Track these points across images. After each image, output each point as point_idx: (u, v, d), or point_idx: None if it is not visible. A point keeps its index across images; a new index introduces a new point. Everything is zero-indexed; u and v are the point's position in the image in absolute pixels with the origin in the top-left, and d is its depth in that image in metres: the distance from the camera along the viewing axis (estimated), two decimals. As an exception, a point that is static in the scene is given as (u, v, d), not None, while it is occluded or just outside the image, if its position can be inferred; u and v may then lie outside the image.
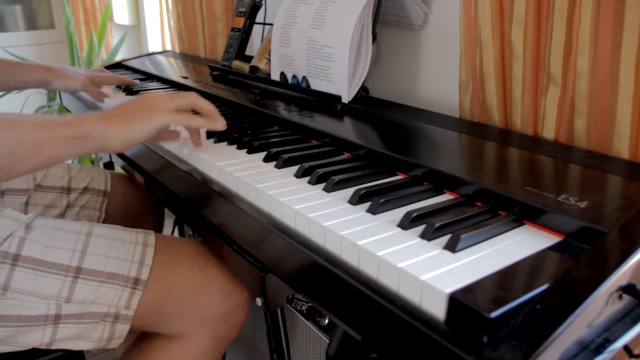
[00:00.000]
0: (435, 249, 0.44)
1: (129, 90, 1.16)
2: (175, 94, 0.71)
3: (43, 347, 0.65)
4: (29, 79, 1.00)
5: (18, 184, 0.91)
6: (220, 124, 0.71)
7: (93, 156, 2.34)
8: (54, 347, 0.66)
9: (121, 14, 2.25)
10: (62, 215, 0.95)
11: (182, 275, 0.73)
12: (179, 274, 0.73)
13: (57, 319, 0.64)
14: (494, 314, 0.34)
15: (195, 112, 0.71)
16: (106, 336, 0.67)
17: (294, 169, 0.65)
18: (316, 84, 0.92)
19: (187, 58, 1.56)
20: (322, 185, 0.59)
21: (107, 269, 0.67)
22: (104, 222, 0.99)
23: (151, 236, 0.73)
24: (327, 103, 0.89)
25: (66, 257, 0.66)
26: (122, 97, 1.13)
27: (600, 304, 0.37)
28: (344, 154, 0.71)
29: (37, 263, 0.64)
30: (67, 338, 0.66)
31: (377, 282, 0.43)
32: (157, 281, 0.70)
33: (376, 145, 0.68)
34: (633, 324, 0.41)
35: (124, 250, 0.69)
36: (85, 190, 0.98)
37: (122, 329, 0.68)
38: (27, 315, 0.63)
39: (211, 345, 0.75)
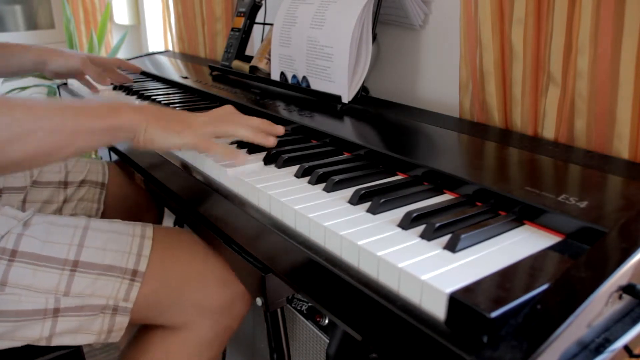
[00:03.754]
0: (435, 249, 0.44)
1: (128, 90, 1.16)
2: (219, 119, 0.68)
3: (42, 341, 0.65)
4: (24, 60, 0.98)
5: (15, 182, 0.91)
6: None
7: (93, 155, 2.34)
8: (54, 341, 0.66)
9: (121, 14, 2.25)
10: (60, 210, 0.94)
11: (181, 265, 0.73)
12: (177, 264, 0.73)
13: (55, 312, 0.64)
14: (494, 314, 0.34)
15: None
16: (106, 329, 0.67)
17: (294, 169, 0.65)
18: (316, 84, 0.92)
19: (187, 58, 1.56)
20: (322, 185, 0.59)
21: (105, 261, 0.67)
22: (103, 214, 0.99)
23: (149, 228, 0.73)
24: (327, 103, 0.89)
25: (63, 251, 0.66)
26: (122, 97, 1.13)
27: (600, 304, 0.37)
28: (344, 154, 0.71)
29: (35, 258, 0.64)
30: (66, 331, 0.66)
31: (377, 282, 0.43)
32: (156, 272, 0.70)
33: (376, 145, 0.68)
34: (633, 324, 0.41)
35: (121, 242, 0.69)
36: (83, 183, 0.97)
37: (122, 321, 0.68)
38: (25, 309, 0.63)
39: (212, 335, 0.75)
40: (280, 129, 0.73)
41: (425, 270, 0.40)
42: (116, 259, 0.68)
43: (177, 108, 0.96)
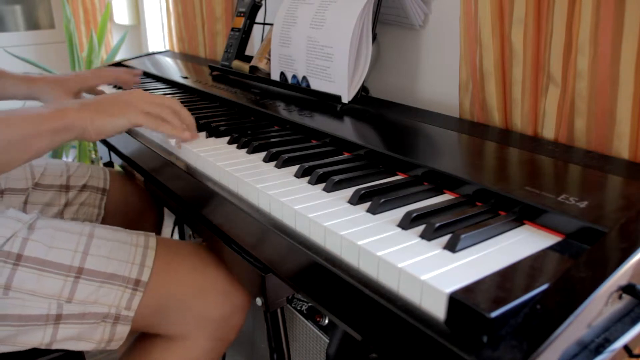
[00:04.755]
0: (435, 249, 0.44)
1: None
2: (156, 97, 0.76)
3: (43, 347, 0.65)
4: (16, 91, 0.96)
5: (17, 184, 0.91)
6: (186, 135, 0.75)
7: (93, 156, 2.34)
8: (54, 347, 0.66)
9: (121, 14, 2.25)
10: (61, 213, 0.94)
11: (183, 277, 0.73)
12: (179, 276, 0.73)
13: (58, 318, 0.64)
14: (494, 314, 0.34)
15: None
16: (106, 337, 0.68)
17: (294, 169, 0.65)
18: (316, 84, 0.92)
19: (187, 58, 1.56)
20: (322, 185, 0.59)
21: (109, 269, 0.67)
22: (104, 219, 0.99)
23: (152, 238, 0.74)
24: (327, 103, 0.89)
25: (68, 258, 0.66)
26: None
27: (600, 304, 0.37)
28: (344, 154, 0.71)
29: (40, 263, 0.64)
30: (67, 338, 0.66)
31: (377, 282, 0.43)
32: (158, 283, 0.70)
33: (376, 145, 0.68)
34: (633, 324, 0.41)
35: (125, 251, 0.70)
36: (84, 187, 0.98)
37: (123, 330, 0.68)
38: (28, 314, 0.63)
39: (210, 346, 0.76)
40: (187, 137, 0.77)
41: (425, 270, 0.40)
42: (120, 268, 0.68)
43: (177, 108, 0.96)
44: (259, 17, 1.20)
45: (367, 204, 0.53)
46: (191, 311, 0.73)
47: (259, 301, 0.67)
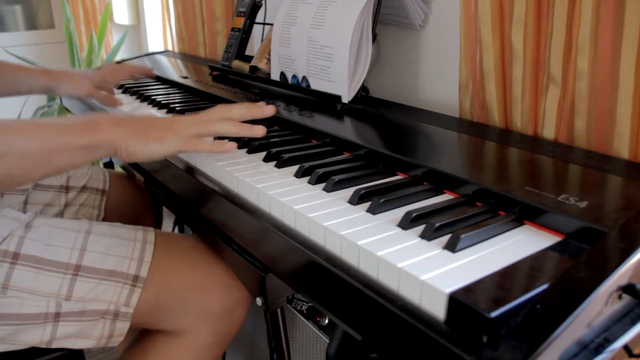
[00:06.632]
0: (435, 249, 0.44)
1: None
2: (202, 118, 0.67)
3: (43, 345, 0.65)
4: (34, 84, 0.98)
5: None
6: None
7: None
8: (54, 345, 0.66)
9: (121, 14, 2.25)
10: (60, 214, 0.94)
11: (182, 271, 0.73)
12: (178, 270, 0.73)
13: (57, 316, 0.64)
14: (493, 314, 0.34)
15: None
16: (106, 334, 0.67)
17: (294, 168, 0.65)
18: (316, 84, 0.92)
19: (187, 58, 1.56)
20: (322, 185, 0.59)
21: (107, 266, 0.67)
22: (103, 220, 0.99)
23: (150, 233, 0.73)
24: (327, 103, 0.89)
25: (65, 255, 0.66)
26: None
27: (600, 304, 0.37)
28: (344, 154, 0.71)
29: (37, 261, 0.64)
30: (67, 336, 0.66)
31: (377, 282, 0.43)
32: (157, 278, 0.70)
33: (376, 145, 0.68)
34: (633, 323, 0.41)
35: (123, 247, 0.69)
36: (84, 188, 0.98)
37: (122, 327, 0.68)
38: (27, 313, 0.63)
39: (212, 341, 0.75)
40: (269, 110, 0.70)
41: (425, 270, 0.40)
42: (118, 264, 0.68)
43: (177, 108, 0.96)
44: (259, 17, 1.20)
45: (367, 204, 0.53)
46: (192, 305, 0.73)
47: (259, 301, 0.67)
